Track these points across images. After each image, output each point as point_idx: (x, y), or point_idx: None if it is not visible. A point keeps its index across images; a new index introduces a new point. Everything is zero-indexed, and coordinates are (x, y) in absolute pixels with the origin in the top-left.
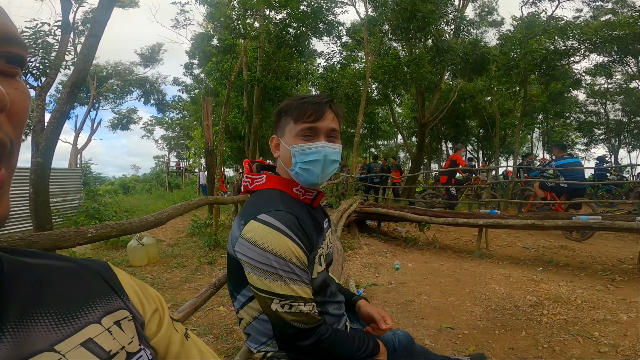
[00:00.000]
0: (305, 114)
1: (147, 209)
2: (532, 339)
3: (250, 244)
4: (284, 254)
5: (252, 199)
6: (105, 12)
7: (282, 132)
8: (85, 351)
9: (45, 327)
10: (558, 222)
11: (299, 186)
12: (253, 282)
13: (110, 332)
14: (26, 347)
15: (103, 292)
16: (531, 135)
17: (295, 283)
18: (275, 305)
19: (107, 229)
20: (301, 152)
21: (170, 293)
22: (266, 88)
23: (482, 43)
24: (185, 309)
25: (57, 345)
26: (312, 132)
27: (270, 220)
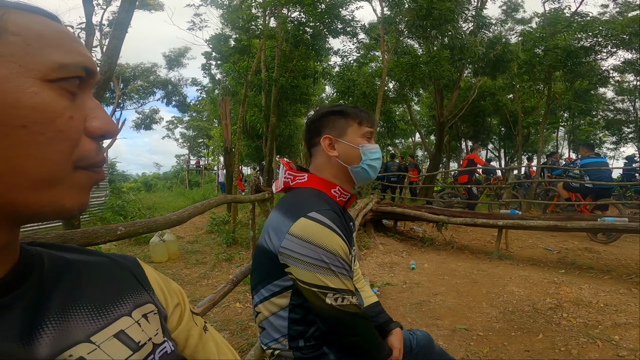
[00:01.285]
0: (367, 119)
1: (168, 206)
2: (549, 342)
3: (302, 240)
4: (336, 250)
5: (295, 196)
6: (126, 15)
7: (342, 132)
8: (118, 342)
9: (83, 320)
10: (582, 224)
11: (337, 188)
12: (305, 278)
13: (139, 324)
14: (66, 338)
15: (133, 287)
16: (556, 134)
17: (345, 277)
18: (329, 299)
19: (134, 226)
20: (369, 150)
21: (189, 289)
22: (283, 87)
23: (503, 40)
24: (204, 304)
25: (93, 337)
26: (372, 135)
27: (321, 218)
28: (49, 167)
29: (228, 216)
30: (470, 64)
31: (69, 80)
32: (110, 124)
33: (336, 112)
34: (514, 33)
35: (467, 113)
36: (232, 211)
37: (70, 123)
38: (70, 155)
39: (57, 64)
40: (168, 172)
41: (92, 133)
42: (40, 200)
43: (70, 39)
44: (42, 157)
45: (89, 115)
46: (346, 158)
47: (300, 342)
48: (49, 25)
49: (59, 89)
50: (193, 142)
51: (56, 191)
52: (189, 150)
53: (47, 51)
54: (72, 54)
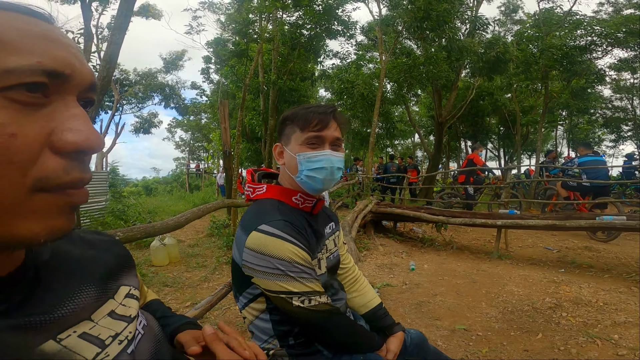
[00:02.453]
0: (312, 123)
1: (168, 210)
2: (548, 342)
3: (256, 252)
4: (289, 257)
5: (253, 209)
6: (124, 20)
7: (287, 140)
8: (111, 319)
9: (85, 302)
10: (580, 223)
11: (298, 195)
12: (269, 287)
13: (128, 300)
14: (74, 317)
15: (125, 265)
16: (555, 133)
17: (308, 280)
18: (296, 302)
19: (132, 231)
20: (308, 159)
21: (190, 292)
22: (281, 90)
23: (500, 41)
24: (202, 306)
25: (93, 315)
26: (318, 140)
27: (270, 229)
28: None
29: (228, 219)
30: (469, 65)
31: (15, 88)
32: (88, 137)
33: (287, 117)
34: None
35: (466, 113)
36: (232, 214)
37: (11, 142)
38: (22, 178)
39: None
40: (168, 176)
41: (60, 148)
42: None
43: (38, 37)
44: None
45: (59, 127)
46: (289, 167)
47: (290, 340)
48: (12, 24)
49: (1, 101)
50: (192, 146)
51: (7, 220)
52: (188, 153)
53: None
54: (28, 56)
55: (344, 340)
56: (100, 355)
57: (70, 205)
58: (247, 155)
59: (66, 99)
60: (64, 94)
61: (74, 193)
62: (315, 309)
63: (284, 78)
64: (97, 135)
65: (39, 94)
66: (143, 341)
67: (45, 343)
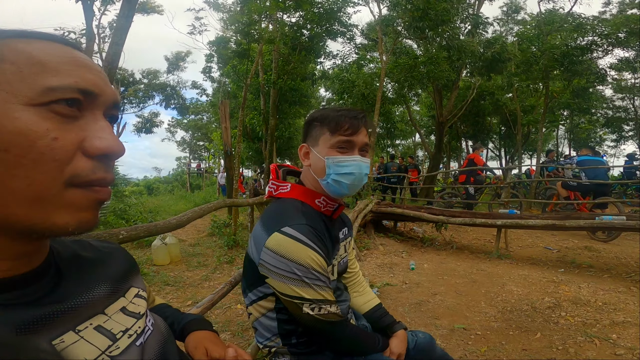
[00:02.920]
0: (343, 127)
1: (169, 210)
2: (547, 341)
3: (276, 254)
4: (308, 264)
5: (275, 208)
6: (126, 21)
7: (315, 141)
8: (122, 315)
9: (100, 297)
10: (580, 223)
11: (321, 198)
12: (281, 289)
13: (137, 299)
14: (91, 310)
15: (132, 269)
16: (556, 133)
17: (321, 288)
18: (306, 309)
19: (136, 230)
20: (336, 164)
21: (191, 291)
22: (282, 90)
23: (500, 41)
24: (204, 304)
25: (107, 309)
26: (348, 145)
27: (293, 233)
28: (35, 187)
29: (229, 219)
30: (468, 64)
31: (58, 102)
32: (112, 144)
33: (315, 118)
34: (511, 33)
35: (467, 113)
36: (233, 214)
37: (54, 144)
38: (60, 174)
39: (45, 88)
40: (169, 176)
41: (90, 152)
42: (31, 217)
43: (72, 62)
44: (28, 177)
45: (91, 135)
46: (315, 169)
47: (293, 339)
48: (51, 51)
49: (45, 112)
50: (194, 146)
51: (46, 209)
52: (189, 153)
53: (39, 76)
54: (66, 77)
55: (348, 348)
56: (111, 347)
57: (97, 201)
58: (247, 155)
59: (95, 114)
60: (94, 110)
61: (100, 190)
62: (324, 318)
63: (285, 78)
64: (119, 143)
65: (75, 109)
66: (152, 336)
67: (66, 334)
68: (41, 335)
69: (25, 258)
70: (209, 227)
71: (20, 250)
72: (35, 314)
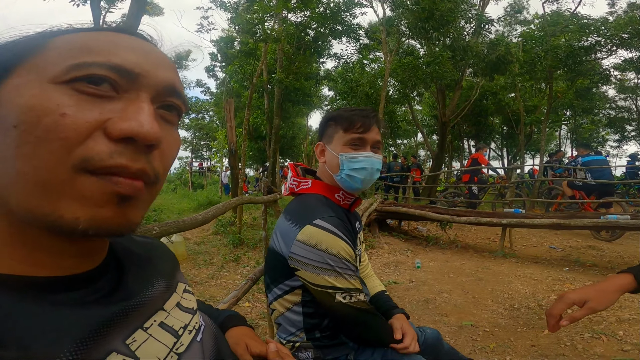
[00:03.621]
0: (355, 125)
1: (173, 208)
2: (554, 337)
3: (309, 246)
4: (340, 254)
5: (300, 203)
6: (135, 20)
7: (330, 139)
8: (179, 310)
9: (159, 292)
10: (585, 222)
11: (340, 192)
12: (314, 280)
13: (186, 294)
14: (152, 306)
15: (176, 265)
16: (558, 133)
17: (352, 277)
18: (339, 297)
19: (166, 226)
20: (349, 159)
21: (198, 289)
22: (287, 89)
23: (504, 41)
24: (229, 301)
25: (165, 305)
26: (361, 142)
27: (325, 225)
28: (42, 168)
29: (233, 217)
30: (472, 65)
31: (80, 80)
32: (141, 126)
33: (330, 117)
34: (515, 34)
35: (470, 113)
36: (238, 213)
37: (60, 120)
38: (66, 155)
39: (70, 65)
40: (171, 175)
41: (110, 133)
42: (41, 207)
43: (116, 45)
44: (33, 156)
45: (119, 116)
46: (330, 166)
47: (317, 333)
48: (100, 37)
49: (66, 89)
50: (196, 145)
51: (53, 197)
52: (191, 152)
53: (73, 57)
54: (97, 56)
55: (373, 337)
56: (176, 344)
57: (117, 195)
58: (249, 154)
59: (139, 97)
60: (137, 92)
61: (119, 181)
62: (355, 305)
63: (289, 77)
64: (150, 126)
65: (107, 87)
66: (206, 332)
67: (136, 332)
68: (115, 336)
69: (81, 257)
70: (213, 225)
71: (65, 248)
72: (108, 312)
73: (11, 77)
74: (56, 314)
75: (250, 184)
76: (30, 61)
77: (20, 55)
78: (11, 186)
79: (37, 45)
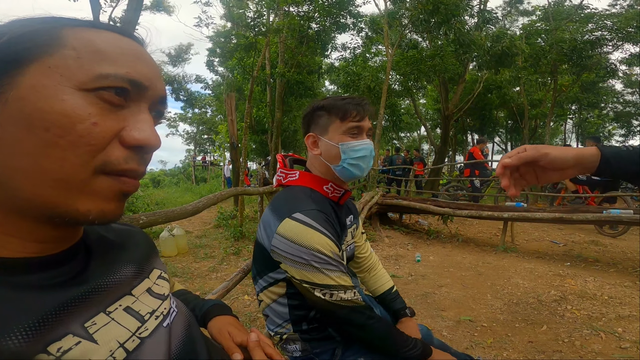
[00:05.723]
0: (352, 113)
1: (176, 202)
2: (552, 334)
3: (287, 240)
4: (318, 249)
5: (285, 195)
6: (134, 14)
7: (324, 130)
8: (149, 296)
9: (127, 278)
10: (588, 216)
11: (329, 184)
12: (293, 274)
13: (160, 281)
14: (119, 290)
15: (152, 251)
16: (564, 127)
17: (333, 272)
18: (318, 293)
19: (154, 216)
20: (351, 149)
21: (198, 282)
22: (289, 83)
23: (507, 33)
24: (219, 292)
25: (133, 290)
26: (358, 130)
27: (304, 218)
28: (66, 169)
29: (235, 210)
30: (476, 58)
31: (106, 90)
32: (148, 137)
33: (320, 107)
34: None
35: (473, 106)
36: (239, 205)
37: (92, 129)
38: (91, 159)
39: (97, 75)
40: (174, 169)
41: (126, 142)
42: (56, 199)
43: (129, 54)
44: (61, 158)
45: (131, 126)
46: (328, 157)
47: (304, 325)
48: (112, 41)
49: (92, 98)
50: (199, 139)
51: (71, 193)
52: (194, 146)
53: (95, 63)
54: (120, 67)
55: (372, 340)
56: (140, 329)
57: (123, 192)
58: (251, 147)
59: (140, 106)
60: (140, 102)
61: (127, 182)
62: (337, 303)
63: (292, 71)
64: (157, 137)
65: (122, 98)
66: (177, 318)
67: (97, 315)
68: (74, 319)
69: (55, 242)
70: (215, 218)
71: (47, 234)
72: (68, 295)
73: (30, 74)
74: (13, 295)
75: (253, 177)
76: (48, 59)
77: (33, 50)
78: (26, 178)
79: (50, 39)
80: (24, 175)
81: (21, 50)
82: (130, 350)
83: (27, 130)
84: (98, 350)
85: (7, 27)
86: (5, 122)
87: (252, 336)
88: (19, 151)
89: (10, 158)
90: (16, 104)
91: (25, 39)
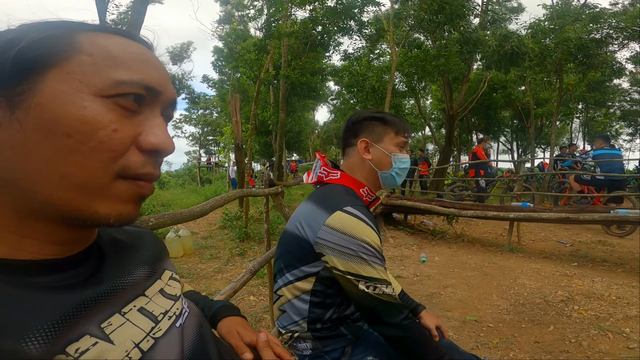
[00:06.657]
0: (405, 130)
1: (181, 203)
2: (559, 334)
3: (337, 231)
4: (369, 242)
5: (330, 190)
6: (138, 17)
7: (378, 138)
8: (162, 297)
9: (140, 279)
10: (594, 216)
11: (365, 188)
12: (339, 266)
13: (170, 284)
14: (133, 291)
15: (163, 252)
16: (570, 126)
17: (379, 266)
18: (362, 286)
19: (163, 218)
20: (400, 160)
21: (204, 283)
22: (293, 84)
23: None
24: (226, 292)
25: (146, 291)
26: (405, 145)
27: (356, 212)
28: (87, 174)
29: (240, 212)
30: (483, 58)
31: (124, 96)
32: (164, 142)
33: (377, 118)
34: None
35: (478, 106)
36: (245, 207)
37: (113, 135)
38: (112, 164)
39: (115, 81)
40: (179, 170)
41: (143, 147)
42: (77, 203)
43: (142, 60)
44: (83, 164)
45: (146, 131)
46: (378, 163)
47: (318, 324)
48: (125, 47)
49: (111, 104)
50: (203, 140)
51: (91, 197)
52: (199, 147)
53: (111, 70)
54: (135, 73)
55: (404, 340)
56: (154, 329)
57: (140, 195)
58: (256, 148)
59: (154, 111)
60: (153, 107)
61: (144, 185)
62: (379, 297)
63: (296, 72)
64: (171, 141)
65: (137, 104)
66: (189, 318)
67: (112, 316)
68: (90, 319)
69: (71, 244)
70: (220, 219)
71: (63, 236)
72: (84, 296)
73: (49, 80)
74: (31, 297)
75: (257, 179)
76: (66, 65)
77: (50, 56)
78: (46, 182)
79: (66, 45)
80: (44, 180)
81: (39, 57)
82: (145, 350)
83: (47, 136)
84: (114, 351)
85: (22, 33)
86: (28, 128)
87: (262, 336)
88: (39, 156)
89: (30, 162)
90: (37, 110)
91: (42, 45)
